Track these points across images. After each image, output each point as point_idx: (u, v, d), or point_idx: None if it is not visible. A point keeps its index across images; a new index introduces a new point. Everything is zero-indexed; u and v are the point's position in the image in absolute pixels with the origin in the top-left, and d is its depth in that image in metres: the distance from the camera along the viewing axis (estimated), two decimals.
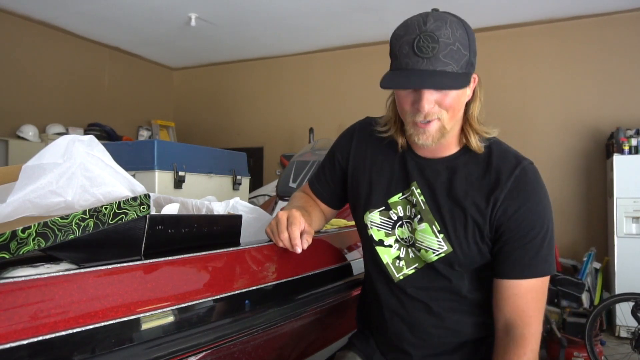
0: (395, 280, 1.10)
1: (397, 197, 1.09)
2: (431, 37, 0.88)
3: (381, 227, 1.11)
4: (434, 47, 0.88)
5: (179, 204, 1.08)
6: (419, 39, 0.89)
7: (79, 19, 5.32)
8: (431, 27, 0.89)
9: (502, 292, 1.01)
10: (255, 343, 1.03)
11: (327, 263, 1.28)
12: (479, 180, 1.01)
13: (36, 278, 0.66)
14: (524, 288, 0.99)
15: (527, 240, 0.98)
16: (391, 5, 4.85)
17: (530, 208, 0.98)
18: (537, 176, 1.02)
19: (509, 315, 1.00)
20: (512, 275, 0.99)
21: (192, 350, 0.83)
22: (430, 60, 0.88)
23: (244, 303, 0.96)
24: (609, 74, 4.94)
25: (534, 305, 0.99)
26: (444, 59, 0.88)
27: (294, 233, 1.02)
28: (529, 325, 0.98)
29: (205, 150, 2.34)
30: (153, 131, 6.57)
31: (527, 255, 0.98)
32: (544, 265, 0.99)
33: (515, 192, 0.98)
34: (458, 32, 0.89)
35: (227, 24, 5.45)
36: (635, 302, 3.04)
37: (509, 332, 1.00)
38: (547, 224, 1.00)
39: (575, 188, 5.00)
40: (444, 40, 0.88)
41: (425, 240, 1.04)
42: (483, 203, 0.99)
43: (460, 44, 0.89)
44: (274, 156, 6.31)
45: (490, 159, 1.02)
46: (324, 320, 1.31)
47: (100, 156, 0.87)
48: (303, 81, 6.43)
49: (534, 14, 5.03)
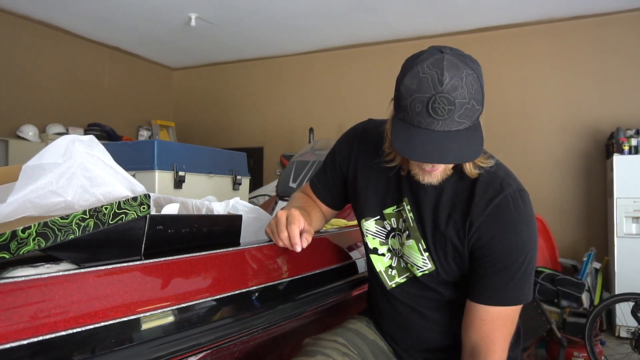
0: (388, 287, 1.12)
1: (392, 209, 1.10)
2: (447, 99, 0.83)
3: (376, 236, 1.13)
4: (450, 109, 0.84)
5: (179, 204, 1.08)
6: (434, 99, 0.84)
7: (79, 19, 5.32)
8: (447, 88, 0.83)
9: (470, 315, 1.01)
10: (255, 343, 1.03)
11: (327, 263, 1.28)
12: (462, 202, 1.00)
13: (36, 278, 0.66)
14: (491, 315, 0.98)
15: (499, 269, 0.97)
16: (392, 5, 4.85)
17: (506, 238, 0.96)
18: (521, 206, 0.98)
19: (475, 340, 1.00)
20: (481, 300, 0.99)
21: (192, 350, 0.83)
22: (445, 121, 0.85)
23: (244, 303, 0.96)
24: (609, 74, 4.94)
25: (500, 332, 0.98)
26: (458, 120, 0.85)
27: (293, 232, 1.02)
28: (493, 352, 0.97)
29: (205, 150, 2.34)
30: (153, 131, 6.57)
31: (498, 283, 0.97)
32: (514, 294, 0.98)
33: (493, 220, 0.96)
34: (474, 88, 0.85)
35: (227, 24, 5.45)
36: (635, 302, 3.04)
37: (474, 355, 1.00)
38: (526, 254, 0.97)
39: (575, 188, 5.00)
40: (460, 101, 0.84)
41: (411, 256, 1.05)
42: (461, 227, 0.99)
43: (475, 100, 0.85)
44: (274, 156, 6.31)
45: (477, 183, 1.00)
46: (324, 320, 1.31)
47: (100, 156, 0.87)
48: (303, 81, 6.43)
49: (534, 14, 5.03)
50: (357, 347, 1.11)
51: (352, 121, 1.29)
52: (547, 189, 5.01)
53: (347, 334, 1.13)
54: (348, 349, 1.09)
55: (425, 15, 5.13)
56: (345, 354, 1.07)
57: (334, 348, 1.06)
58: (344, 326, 1.17)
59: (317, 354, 1.03)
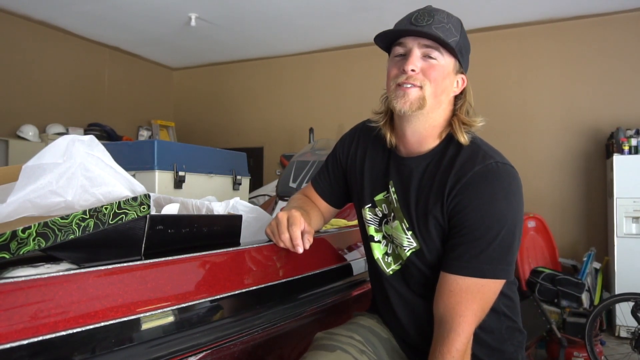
0: (387, 275, 1.13)
1: (382, 195, 1.12)
2: (428, 13, 0.99)
3: (371, 223, 1.15)
4: (429, 19, 0.97)
5: (179, 204, 1.08)
6: (417, 14, 0.99)
7: (79, 19, 5.32)
8: (429, 8, 1.00)
9: (441, 285, 0.99)
10: (255, 343, 1.03)
11: (327, 263, 1.28)
12: (442, 173, 1.01)
13: (36, 278, 0.66)
14: (459, 286, 0.95)
15: (472, 237, 0.95)
16: (391, 5, 4.85)
17: (482, 206, 0.94)
18: (503, 177, 0.97)
19: (442, 310, 0.98)
20: (451, 269, 0.97)
21: (192, 350, 0.83)
22: (424, 27, 0.97)
23: (244, 303, 0.96)
24: (609, 74, 4.94)
25: (467, 306, 0.95)
26: (436, 30, 0.97)
27: (294, 233, 1.03)
28: (458, 325, 0.95)
29: (205, 150, 2.34)
30: (153, 131, 6.57)
31: (469, 253, 0.95)
32: (485, 266, 0.94)
33: (471, 187, 0.96)
34: (453, 19, 1.01)
35: (227, 24, 5.45)
36: (635, 302, 3.04)
37: (440, 326, 0.98)
38: (502, 226, 0.94)
39: (575, 188, 4.99)
40: (438, 17, 0.98)
41: (397, 237, 1.07)
42: (440, 196, 0.99)
43: (453, 26, 0.99)
44: (274, 156, 6.31)
45: (459, 156, 1.01)
46: (324, 320, 1.31)
47: (100, 156, 0.87)
48: (303, 81, 6.43)
49: (534, 14, 5.03)
50: (373, 345, 1.11)
51: (352, 121, 1.31)
52: (547, 189, 5.01)
53: (362, 330, 1.13)
54: (365, 346, 1.09)
55: None
56: (363, 351, 1.07)
57: (352, 345, 1.06)
58: (356, 322, 1.17)
59: (337, 349, 1.03)
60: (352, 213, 2.11)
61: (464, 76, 1.07)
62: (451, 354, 0.94)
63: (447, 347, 0.95)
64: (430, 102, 1.00)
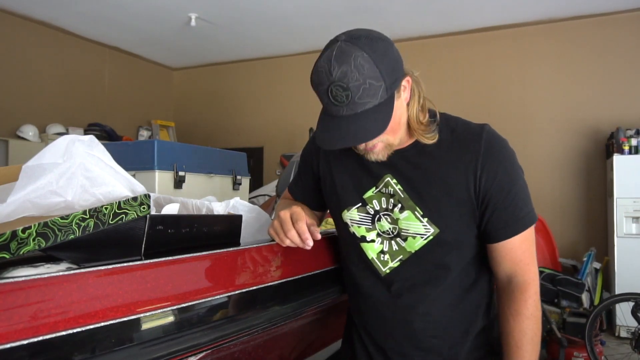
0: (382, 274, 1.10)
1: (372, 192, 1.10)
2: (341, 86, 0.90)
3: (361, 224, 1.12)
4: (347, 94, 0.90)
5: (179, 204, 1.08)
6: (330, 89, 0.91)
7: (79, 19, 5.32)
8: (338, 76, 0.89)
9: (499, 251, 1.05)
10: (255, 343, 1.03)
11: (327, 263, 1.28)
12: (450, 154, 1.03)
13: (36, 278, 0.66)
14: (517, 241, 1.03)
15: (511, 197, 1.02)
16: (392, 5, 4.85)
17: (506, 167, 1.02)
18: (498, 133, 1.07)
19: (508, 268, 1.06)
20: (507, 235, 1.03)
21: (192, 350, 0.83)
22: (349, 105, 0.91)
23: (244, 303, 0.96)
24: (609, 74, 4.94)
25: (529, 253, 1.05)
26: (359, 101, 0.90)
27: (301, 228, 1.03)
28: (529, 272, 1.05)
29: (205, 150, 2.34)
30: (153, 131, 6.57)
31: (515, 212, 1.02)
32: (529, 214, 1.04)
33: (490, 156, 1.01)
34: (365, 68, 0.89)
35: (227, 24, 5.45)
36: (635, 302, 3.04)
37: (511, 281, 1.06)
38: (520, 173, 1.05)
39: (575, 188, 5.00)
40: (353, 84, 0.89)
41: (410, 227, 1.05)
42: (461, 176, 1.02)
43: (371, 79, 0.89)
44: (274, 156, 6.31)
45: (454, 134, 1.05)
46: (324, 320, 1.31)
47: (100, 156, 0.87)
48: (303, 81, 6.39)
49: (534, 14, 5.04)
50: None
51: None
52: (547, 189, 5.01)
53: None
54: None
55: (425, 15, 5.13)
56: None
57: None
58: None
59: None
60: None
61: (403, 83, 0.98)
62: (532, 298, 1.04)
63: (527, 292, 1.04)
64: (396, 140, 1.03)
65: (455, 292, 1.08)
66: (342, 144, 0.95)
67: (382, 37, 0.94)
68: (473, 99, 5.29)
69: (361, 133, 0.93)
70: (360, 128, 0.93)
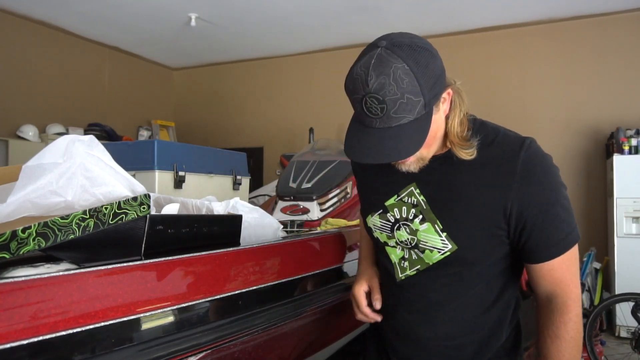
0: (397, 280, 1.09)
1: (393, 200, 1.07)
2: (376, 99, 0.84)
3: (382, 230, 1.10)
4: (382, 107, 0.84)
5: (179, 204, 1.08)
6: (365, 100, 0.85)
7: (79, 19, 5.32)
8: (374, 88, 0.83)
9: (537, 272, 1.01)
10: (255, 343, 1.03)
11: (327, 263, 1.28)
12: (482, 171, 0.98)
13: (36, 278, 0.66)
14: (557, 262, 0.98)
15: (550, 219, 0.96)
16: (391, 5, 4.85)
17: (544, 188, 0.95)
18: (541, 150, 1.00)
19: (548, 288, 1.01)
20: (546, 257, 0.98)
21: (192, 350, 0.83)
22: (382, 119, 0.86)
23: (243, 303, 0.96)
24: (609, 74, 4.94)
25: (569, 273, 0.99)
26: (395, 115, 0.85)
27: (364, 313, 1.16)
28: (569, 292, 0.99)
29: (205, 150, 2.34)
30: (153, 131, 6.57)
31: (555, 234, 0.96)
32: (571, 235, 0.97)
33: (526, 178, 0.95)
34: (405, 82, 0.83)
35: (227, 24, 5.45)
36: (635, 302, 3.04)
37: (551, 301, 1.01)
38: (562, 191, 0.98)
39: (575, 188, 4.99)
40: (390, 98, 0.83)
41: (429, 240, 1.02)
42: (492, 193, 0.96)
43: (409, 94, 0.83)
44: (274, 156, 6.31)
45: (490, 148, 0.99)
46: (324, 320, 1.31)
47: (100, 156, 0.87)
48: (303, 81, 6.43)
49: (534, 14, 5.03)
50: None
51: None
52: None
53: None
54: None
55: (425, 15, 5.13)
56: None
57: None
58: None
59: None
60: (352, 213, 2.11)
61: (444, 95, 0.94)
62: (572, 320, 0.98)
63: (567, 315, 0.98)
64: (429, 153, 0.99)
65: (473, 309, 1.05)
66: (372, 160, 0.89)
67: (427, 47, 0.88)
68: (473, 99, 5.23)
69: (394, 151, 0.88)
70: (393, 145, 0.87)
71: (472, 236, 0.99)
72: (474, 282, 1.03)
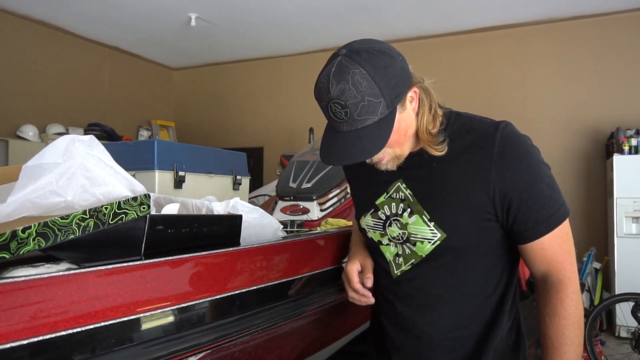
0: (394, 276, 1.11)
1: (383, 197, 1.11)
2: (339, 103, 0.89)
3: (375, 229, 1.13)
4: (346, 111, 0.90)
5: (179, 204, 1.08)
6: (329, 106, 0.91)
7: (79, 19, 5.32)
8: (336, 93, 0.89)
9: (528, 252, 1.02)
10: (255, 343, 1.03)
11: (328, 263, 1.28)
12: (462, 158, 1.01)
13: (36, 278, 0.66)
14: (547, 241, 0.99)
15: (535, 197, 0.98)
16: (391, 5, 4.85)
17: (524, 166, 0.98)
18: (516, 130, 1.03)
19: (542, 268, 1.02)
20: (534, 236, 0.99)
21: (192, 350, 0.83)
22: (348, 122, 0.91)
23: (243, 303, 0.96)
24: (609, 74, 4.94)
25: (561, 251, 1.00)
26: (359, 117, 0.90)
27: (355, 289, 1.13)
28: (563, 270, 1.00)
29: (205, 150, 2.34)
30: (153, 131, 6.57)
31: (541, 211, 0.98)
32: (558, 211, 1.00)
33: (504, 158, 0.97)
34: (363, 85, 0.88)
35: (227, 24, 5.45)
36: (635, 302, 3.04)
37: (546, 281, 1.02)
38: (543, 169, 1.01)
39: (575, 188, 4.99)
40: (352, 102, 0.88)
41: (418, 232, 1.05)
42: (473, 179, 0.99)
43: (369, 96, 0.88)
44: (274, 156, 6.31)
45: (468, 136, 1.02)
46: (324, 320, 1.31)
47: (100, 156, 0.87)
48: (303, 81, 6.42)
49: (534, 14, 5.04)
50: None
51: None
52: None
53: None
54: None
55: (425, 15, 5.13)
56: None
57: None
58: None
59: None
60: (352, 213, 2.11)
61: (410, 94, 0.97)
62: (569, 297, 0.99)
63: (563, 292, 0.99)
64: (404, 150, 1.02)
65: (472, 299, 1.06)
66: (342, 161, 0.95)
67: (385, 50, 0.92)
68: (473, 99, 5.29)
69: (360, 151, 0.93)
70: (360, 146, 0.92)
71: (460, 223, 1.01)
72: (469, 272, 1.05)
